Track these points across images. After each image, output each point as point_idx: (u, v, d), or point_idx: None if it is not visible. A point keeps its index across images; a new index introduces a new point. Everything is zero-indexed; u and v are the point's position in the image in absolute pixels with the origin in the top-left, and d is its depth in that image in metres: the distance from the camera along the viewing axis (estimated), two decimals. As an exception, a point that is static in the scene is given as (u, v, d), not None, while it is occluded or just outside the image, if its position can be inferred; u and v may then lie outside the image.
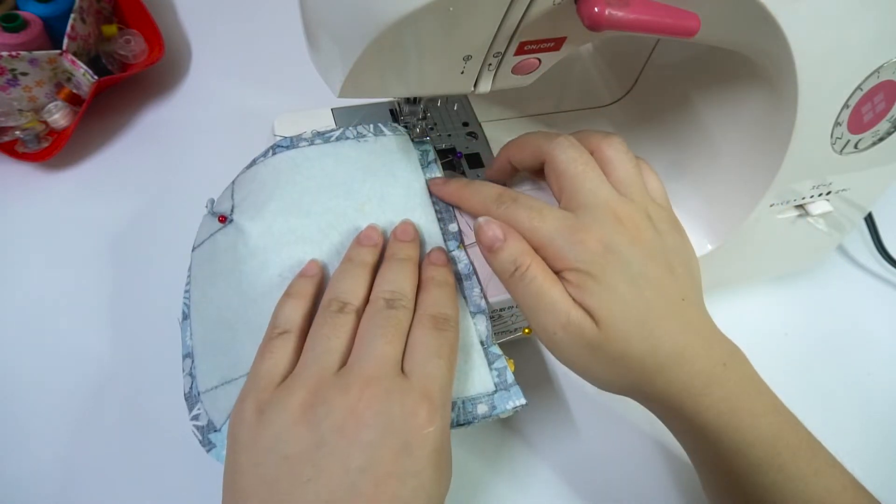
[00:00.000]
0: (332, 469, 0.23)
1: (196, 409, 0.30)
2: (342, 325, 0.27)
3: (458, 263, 0.33)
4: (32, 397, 0.38)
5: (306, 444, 0.24)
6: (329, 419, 0.24)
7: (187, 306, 0.34)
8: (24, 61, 0.46)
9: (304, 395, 0.25)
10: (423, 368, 0.26)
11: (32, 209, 0.46)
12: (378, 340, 0.26)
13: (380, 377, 0.25)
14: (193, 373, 0.31)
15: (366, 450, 0.23)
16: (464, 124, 0.41)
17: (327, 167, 0.34)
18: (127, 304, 0.42)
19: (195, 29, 0.60)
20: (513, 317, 0.36)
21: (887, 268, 0.51)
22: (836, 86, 0.32)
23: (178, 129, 0.52)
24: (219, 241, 0.33)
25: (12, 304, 0.42)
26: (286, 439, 0.24)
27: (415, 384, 0.26)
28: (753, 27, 0.29)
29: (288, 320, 0.28)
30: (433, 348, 0.27)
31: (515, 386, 0.30)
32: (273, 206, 0.32)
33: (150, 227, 0.46)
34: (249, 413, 0.25)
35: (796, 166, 0.35)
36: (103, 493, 0.36)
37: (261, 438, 0.25)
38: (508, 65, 0.29)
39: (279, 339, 0.28)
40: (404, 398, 0.25)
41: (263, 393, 0.26)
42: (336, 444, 0.24)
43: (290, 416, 0.25)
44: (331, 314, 0.28)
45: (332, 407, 0.24)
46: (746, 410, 0.28)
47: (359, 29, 0.25)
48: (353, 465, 0.23)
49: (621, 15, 0.24)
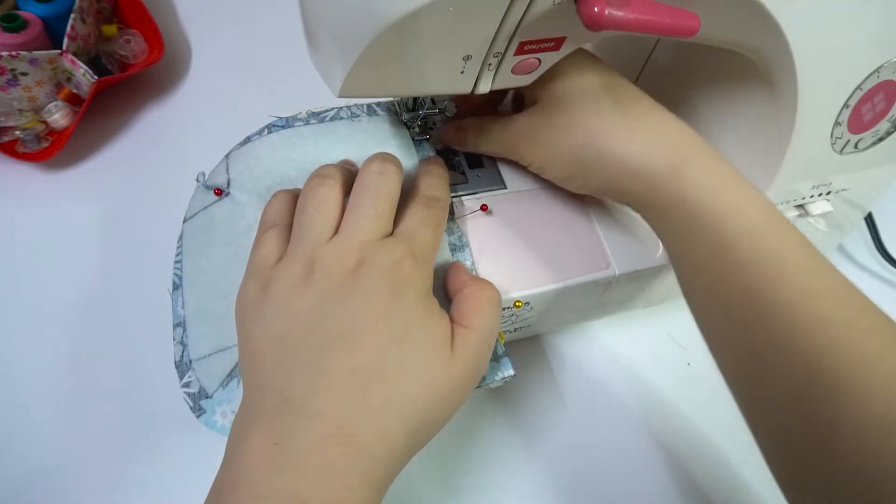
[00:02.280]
0: (336, 314, 0.26)
1: (188, 377, 0.31)
2: (325, 198, 0.28)
3: (452, 235, 0.34)
4: (33, 396, 0.38)
5: (311, 300, 0.26)
6: (327, 278, 0.26)
7: (178, 276, 0.34)
8: (24, 61, 0.46)
9: (302, 265, 0.27)
10: (408, 231, 0.28)
11: (32, 209, 0.46)
12: (369, 210, 0.28)
13: (368, 239, 0.27)
14: (185, 341, 0.32)
15: (363, 295, 0.26)
16: (464, 124, 0.41)
17: (322, 145, 0.35)
18: (127, 303, 0.42)
19: (195, 29, 0.60)
20: (513, 316, 0.36)
21: (887, 268, 0.51)
22: (836, 86, 0.32)
23: (178, 129, 0.52)
24: (214, 214, 0.34)
25: (12, 304, 0.42)
26: (291, 301, 0.26)
27: (400, 242, 0.28)
28: (753, 27, 0.29)
29: (276, 215, 0.30)
30: (421, 218, 0.29)
31: (505, 357, 0.31)
32: (269, 182, 0.33)
33: (151, 227, 0.46)
34: (253, 292, 0.28)
35: (796, 166, 0.35)
36: (103, 491, 0.36)
37: (267, 307, 0.27)
38: (508, 65, 0.29)
39: (270, 231, 0.29)
40: (391, 252, 0.27)
41: (263, 273, 0.28)
42: (337, 295, 0.26)
43: (292, 283, 0.27)
44: (312, 189, 0.29)
45: (328, 268, 0.26)
46: (729, 188, 0.29)
47: (359, 29, 0.25)
48: (353, 307, 0.26)
49: (621, 15, 0.24)
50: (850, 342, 0.25)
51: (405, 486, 0.37)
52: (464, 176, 0.37)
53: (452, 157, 0.38)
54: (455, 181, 0.37)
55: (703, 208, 0.29)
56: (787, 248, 0.28)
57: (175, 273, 0.34)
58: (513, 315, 0.35)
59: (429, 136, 0.37)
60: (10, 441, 0.37)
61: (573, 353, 0.44)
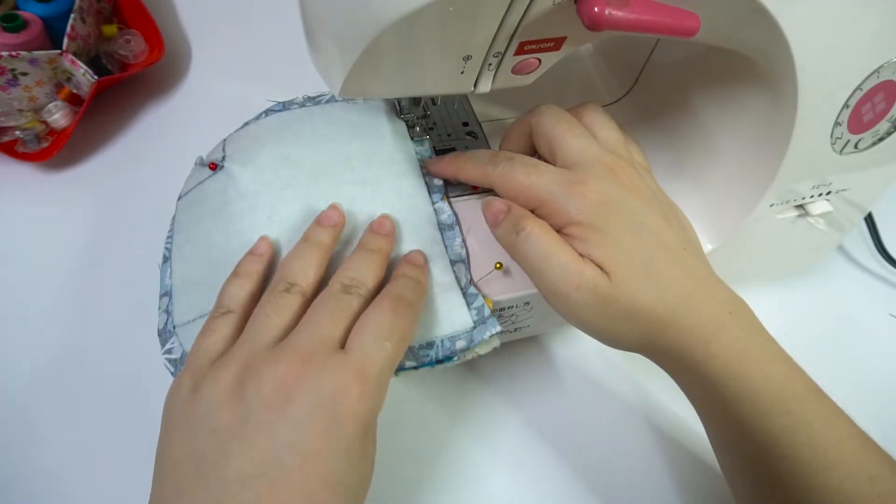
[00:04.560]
0: (259, 443, 0.23)
1: (170, 343, 0.31)
2: (286, 306, 0.27)
3: (442, 214, 0.34)
4: (33, 396, 0.38)
5: (234, 417, 0.23)
6: (258, 392, 0.24)
7: (168, 250, 0.34)
8: (24, 61, 0.46)
9: (237, 369, 0.24)
10: (364, 347, 0.25)
11: (32, 209, 0.46)
12: (323, 320, 0.26)
13: (313, 353, 0.24)
14: (170, 309, 0.32)
15: (293, 425, 0.23)
16: (464, 124, 0.41)
17: (317, 126, 0.35)
18: (127, 303, 0.42)
19: (195, 29, 0.60)
20: (513, 316, 0.36)
21: (887, 268, 0.51)
22: (836, 86, 0.32)
23: (178, 129, 0.52)
24: (207, 187, 0.34)
25: (12, 304, 0.42)
26: (215, 413, 0.24)
27: (352, 360, 0.24)
28: (753, 27, 0.29)
29: (232, 299, 0.28)
30: (383, 329, 0.26)
31: (492, 318, 0.31)
32: (264, 157, 0.34)
33: (151, 227, 0.46)
34: (185, 389, 0.25)
35: (796, 166, 0.35)
36: (102, 490, 0.36)
37: (192, 413, 0.24)
38: (508, 65, 0.29)
39: (221, 318, 0.27)
40: (336, 374, 0.24)
41: (200, 369, 0.25)
42: (263, 418, 0.23)
43: (221, 390, 0.24)
44: (276, 294, 0.27)
45: (262, 380, 0.24)
46: (754, 357, 0.28)
47: (359, 28, 0.25)
48: (280, 439, 0.23)
49: (621, 15, 0.24)
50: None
51: (406, 486, 0.37)
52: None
53: (452, 157, 0.38)
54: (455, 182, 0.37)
55: (732, 377, 0.28)
56: (816, 418, 0.28)
57: (166, 247, 0.35)
58: (513, 315, 0.35)
59: (428, 137, 0.37)
60: (9, 441, 0.37)
61: (573, 354, 0.44)
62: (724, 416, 0.30)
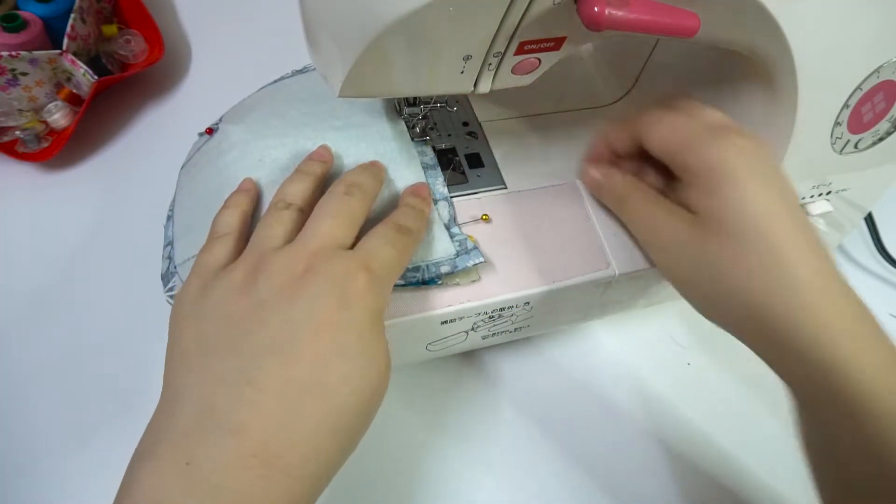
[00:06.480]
0: (273, 322, 0.23)
1: (172, 282, 0.32)
2: (288, 218, 0.27)
3: (424, 156, 0.36)
4: (34, 395, 0.38)
5: (247, 305, 0.24)
6: (269, 284, 0.24)
7: (171, 210, 0.36)
8: (24, 61, 0.46)
9: (247, 270, 0.25)
10: (369, 247, 0.26)
11: (32, 209, 0.46)
12: (327, 221, 0.26)
13: (321, 247, 0.25)
14: (171, 255, 0.33)
15: (306, 303, 0.24)
16: (464, 124, 0.41)
17: (307, 85, 0.38)
18: (127, 304, 0.42)
19: (195, 29, 0.60)
20: (513, 316, 0.36)
21: (887, 268, 0.51)
22: (836, 86, 0.32)
23: (178, 129, 0.52)
24: (204, 149, 0.36)
25: (12, 304, 0.42)
26: (227, 305, 0.24)
27: (359, 256, 0.26)
28: (753, 27, 0.29)
29: (226, 225, 0.29)
30: (388, 238, 0.27)
31: (476, 250, 0.32)
32: (255, 114, 0.36)
33: (151, 227, 0.46)
34: (193, 292, 0.26)
35: (796, 166, 0.35)
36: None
37: (202, 308, 0.25)
38: (508, 65, 0.29)
39: (219, 240, 0.28)
40: (345, 263, 0.25)
41: (207, 276, 0.26)
42: (276, 304, 0.24)
43: (232, 287, 0.25)
44: (276, 210, 0.28)
45: (273, 272, 0.25)
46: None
47: (359, 28, 0.25)
48: (294, 317, 0.23)
49: (621, 15, 0.24)
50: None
51: (405, 488, 0.37)
52: (463, 176, 0.37)
53: (452, 156, 0.38)
54: (455, 181, 0.37)
55: (859, 395, 0.27)
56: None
57: (170, 209, 0.36)
58: (513, 315, 0.36)
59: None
60: (9, 441, 0.37)
61: (573, 354, 0.44)
62: (841, 426, 0.28)
